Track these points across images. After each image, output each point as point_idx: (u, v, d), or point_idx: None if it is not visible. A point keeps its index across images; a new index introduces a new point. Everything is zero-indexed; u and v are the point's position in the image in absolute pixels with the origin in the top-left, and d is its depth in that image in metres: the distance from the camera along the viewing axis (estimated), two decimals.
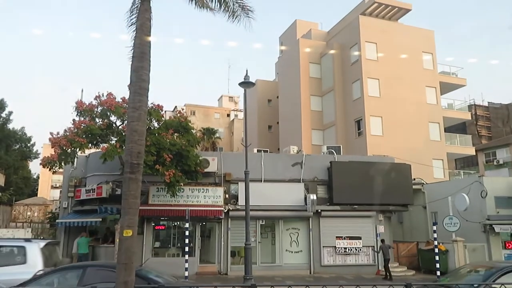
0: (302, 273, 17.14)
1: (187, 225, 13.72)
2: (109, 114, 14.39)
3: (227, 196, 17.37)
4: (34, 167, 61.04)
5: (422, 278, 16.97)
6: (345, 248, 17.76)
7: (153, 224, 17.19)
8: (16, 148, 37.23)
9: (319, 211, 17.66)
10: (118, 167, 14.47)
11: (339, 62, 31.49)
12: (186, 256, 13.57)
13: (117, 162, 14.09)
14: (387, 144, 26.41)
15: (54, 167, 14.39)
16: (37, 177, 56.65)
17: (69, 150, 13.86)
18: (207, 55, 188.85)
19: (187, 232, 13.77)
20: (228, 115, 53.74)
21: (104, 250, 16.50)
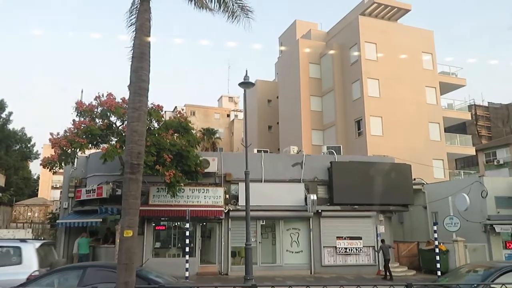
0: (303, 273, 17.14)
1: (187, 225, 13.68)
2: (109, 114, 14.35)
3: (228, 196, 17.37)
4: (35, 167, 60.89)
5: (422, 278, 16.95)
6: (345, 248, 17.75)
7: (154, 225, 17.20)
8: (16, 148, 37.21)
9: (320, 211, 17.66)
10: (118, 167, 14.45)
11: (338, 62, 31.50)
12: (187, 257, 13.53)
13: (117, 162, 14.08)
14: (387, 144, 26.42)
15: (54, 168, 14.36)
16: (37, 177, 56.63)
17: (69, 150, 13.81)
18: (207, 55, 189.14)
19: (187, 233, 13.73)
20: (228, 115, 53.75)
21: (104, 251, 16.52)
